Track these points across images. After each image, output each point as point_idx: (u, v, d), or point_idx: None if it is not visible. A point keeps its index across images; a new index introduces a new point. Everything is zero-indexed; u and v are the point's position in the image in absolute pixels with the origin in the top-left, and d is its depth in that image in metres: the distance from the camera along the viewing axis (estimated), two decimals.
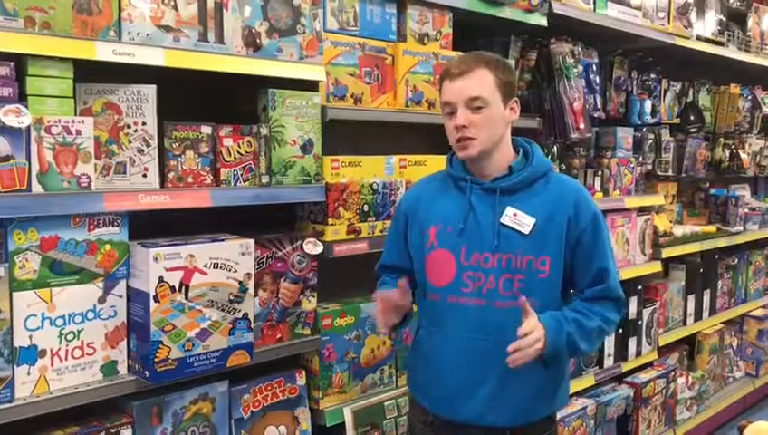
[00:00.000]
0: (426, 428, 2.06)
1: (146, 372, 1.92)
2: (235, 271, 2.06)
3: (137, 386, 1.96)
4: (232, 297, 2.05)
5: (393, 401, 2.58)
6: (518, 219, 1.92)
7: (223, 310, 2.04)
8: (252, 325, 2.12)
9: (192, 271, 1.96)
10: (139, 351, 1.95)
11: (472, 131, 1.90)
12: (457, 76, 1.90)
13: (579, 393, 3.55)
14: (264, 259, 2.23)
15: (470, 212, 1.95)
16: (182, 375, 1.97)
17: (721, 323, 4.78)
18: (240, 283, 2.07)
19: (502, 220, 1.92)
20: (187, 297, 1.96)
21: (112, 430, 1.92)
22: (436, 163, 2.59)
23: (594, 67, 3.62)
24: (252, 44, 2.14)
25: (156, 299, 1.90)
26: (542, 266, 1.92)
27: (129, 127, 1.94)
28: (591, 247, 1.95)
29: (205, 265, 1.99)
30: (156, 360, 1.91)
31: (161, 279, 1.91)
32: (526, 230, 1.91)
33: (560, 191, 1.97)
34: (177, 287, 1.94)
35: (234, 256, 2.05)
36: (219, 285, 2.02)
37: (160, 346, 1.91)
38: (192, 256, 1.96)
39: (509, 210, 1.93)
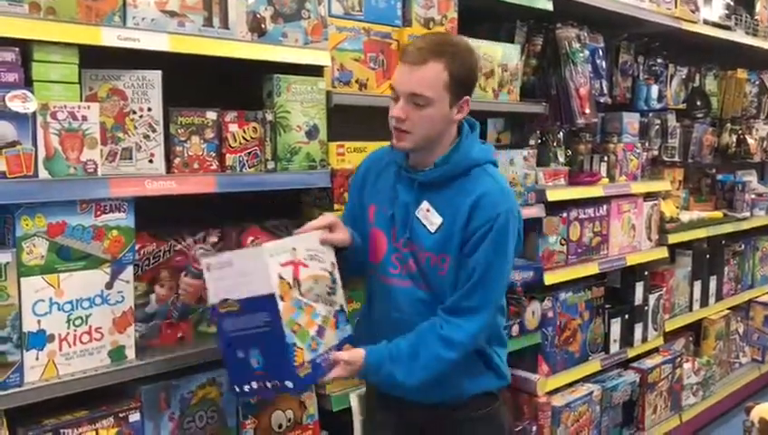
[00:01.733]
0: (377, 400, 2.14)
1: (288, 383, 1.72)
2: (324, 262, 1.87)
3: (144, 371, 1.97)
4: (329, 289, 1.87)
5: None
6: (429, 216, 1.92)
7: (326, 303, 1.85)
8: (347, 316, 1.93)
9: (298, 264, 1.78)
10: (270, 364, 1.72)
11: (407, 125, 1.85)
12: (409, 63, 1.82)
13: (584, 379, 3.56)
14: None
15: (396, 200, 1.98)
16: (317, 379, 1.81)
17: (727, 308, 4.78)
18: (330, 273, 1.89)
19: (416, 213, 1.94)
20: (300, 293, 1.77)
21: (120, 415, 1.93)
22: None
23: (600, 52, 3.60)
24: (256, 29, 2.13)
25: (282, 298, 1.69)
26: (441, 264, 1.91)
27: (134, 113, 1.94)
28: (472, 248, 1.85)
29: (305, 258, 1.81)
30: (295, 364, 1.70)
31: (280, 276, 1.71)
32: (432, 229, 1.92)
33: (470, 189, 1.90)
34: (292, 283, 1.74)
35: (318, 245, 1.88)
36: (319, 278, 1.85)
37: (296, 350, 1.71)
38: (294, 248, 1.77)
39: (424, 205, 1.93)
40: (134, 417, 1.95)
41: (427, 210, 1.92)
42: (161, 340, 2.11)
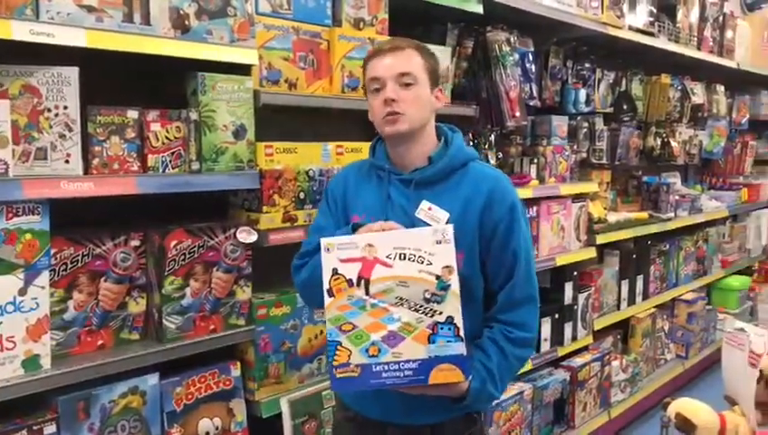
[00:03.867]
0: (348, 424, 2.02)
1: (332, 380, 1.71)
2: (430, 263, 1.71)
3: (61, 381, 1.88)
4: (428, 295, 1.70)
5: (330, 390, 2.55)
6: (432, 214, 1.88)
7: (417, 311, 1.69)
8: (461, 332, 1.69)
9: (372, 262, 1.71)
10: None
11: (401, 106, 1.85)
12: (387, 52, 1.88)
13: (515, 378, 3.59)
14: (196, 248, 2.17)
15: (388, 203, 1.92)
16: (368, 386, 1.68)
17: (653, 307, 4.92)
18: (438, 278, 1.70)
19: (417, 214, 1.89)
20: (368, 293, 1.70)
21: (35, 427, 1.84)
22: None
23: (530, 56, 3.66)
24: (180, 26, 2.07)
25: (330, 293, 1.69)
26: None
27: (49, 111, 1.86)
28: (506, 239, 1.87)
29: (388, 257, 1.70)
30: (334, 363, 1.67)
31: (335, 271, 1.70)
32: None
33: (476, 182, 1.90)
34: (355, 281, 1.70)
35: (426, 245, 1.71)
36: (409, 280, 1.70)
37: (339, 348, 1.68)
38: (371, 245, 1.71)
39: (424, 204, 1.89)
40: (50, 429, 1.87)
41: (430, 208, 1.88)
42: (80, 348, 2.02)
